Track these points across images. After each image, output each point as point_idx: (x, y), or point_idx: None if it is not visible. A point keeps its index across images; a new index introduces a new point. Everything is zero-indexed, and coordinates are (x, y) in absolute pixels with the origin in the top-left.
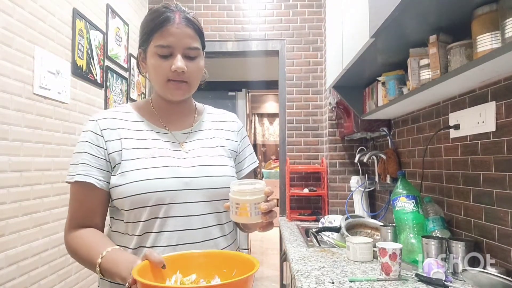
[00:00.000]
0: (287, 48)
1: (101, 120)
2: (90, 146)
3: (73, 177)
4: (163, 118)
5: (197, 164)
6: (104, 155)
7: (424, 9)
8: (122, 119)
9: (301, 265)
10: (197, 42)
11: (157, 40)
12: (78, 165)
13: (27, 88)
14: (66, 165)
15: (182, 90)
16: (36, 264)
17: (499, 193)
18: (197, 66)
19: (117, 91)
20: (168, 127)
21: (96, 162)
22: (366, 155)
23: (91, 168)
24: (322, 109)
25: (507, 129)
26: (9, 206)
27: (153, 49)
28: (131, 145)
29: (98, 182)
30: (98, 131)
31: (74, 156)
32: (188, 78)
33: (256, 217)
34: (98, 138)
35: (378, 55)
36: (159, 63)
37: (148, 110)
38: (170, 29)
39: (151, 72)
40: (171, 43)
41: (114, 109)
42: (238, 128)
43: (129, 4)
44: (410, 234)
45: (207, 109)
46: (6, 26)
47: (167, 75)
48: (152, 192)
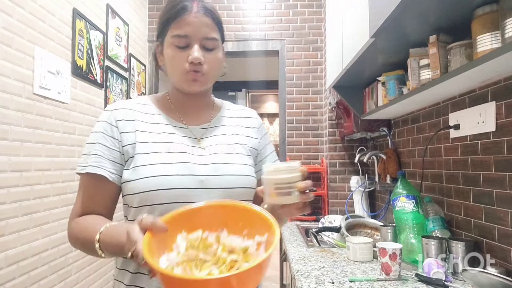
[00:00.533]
0: (287, 48)
1: (117, 111)
2: (104, 136)
3: (85, 168)
4: (180, 112)
5: (213, 162)
6: (118, 146)
7: (424, 9)
8: (138, 110)
9: (301, 265)
10: (216, 32)
11: (174, 30)
12: (91, 156)
13: (27, 88)
14: (66, 165)
15: (199, 82)
16: (36, 264)
17: (499, 193)
18: (215, 57)
19: (117, 91)
20: (186, 121)
21: (109, 154)
22: (366, 155)
23: (104, 160)
24: (322, 109)
25: (507, 129)
26: (9, 206)
27: (170, 39)
28: (145, 138)
29: (110, 175)
30: (113, 121)
31: (87, 147)
32: (206, 69)
33: (294, 197)
34: (112, 128)
35: (378, 55)
36: (176, 54)
37: (165, 103)
38: (187, 18)
39: (167, 64)
40: (188, 33)
41: (131, 100)
42: (258, 125)
43: (129, 4)
44: (410, 234)
45: (226, 105)
46: (6, 26)
47: (184, 66)
48: (163, 190)
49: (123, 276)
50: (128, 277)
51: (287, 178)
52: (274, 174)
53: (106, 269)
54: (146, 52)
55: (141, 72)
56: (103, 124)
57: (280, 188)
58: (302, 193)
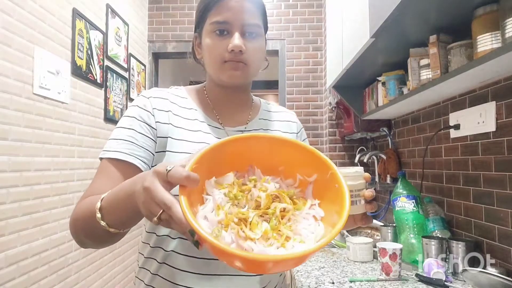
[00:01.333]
0: (287, 48)
1: (154, 99)
2: (139, 123)
3: (113, 153)
4: (217, 109)
5: None
6: (153, 135)
7: (424, 9)
8: (174, 102)
9: (301, 265)
10: (258, 18)
11: (213, 16)
12: (121, 141)
13: (27, 88)
14: (66, 165)
15: (240, 72)
16: (36, 264)
17: (499, 193)
18: (258, 46)
19: (117, 91)
20: (222, 120)
21: (144, 142)
22: (366, 155)
23: (138, 148)
24: (322, 109)
25: (507, 129)
26: (9, 206)
27: (209, 27)
28: (179, 135)
29: (143, 164)
30: (150, 109)
31: (117, 131)
32: (247, 59)
33: (360, 206)
34: (149, 116)
35: (378, 55)
36: (215, 42)
37: (203, 98)
38: (228, 3)
39: (205, 54)
40: (228, 19)
41: (167, 89)
42: (297, 130)
43: (129, 4)
44: (410, 234)
45: (264, 105)
46: (6, 26)
47: (223, 55)
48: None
49: (143, 275)
50: (148, 277)
51: (354, 186)
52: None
53: (106, 269)
54: (146, 52)
55: (141, 72)
56: (138, 110)
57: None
58: (368, 203)
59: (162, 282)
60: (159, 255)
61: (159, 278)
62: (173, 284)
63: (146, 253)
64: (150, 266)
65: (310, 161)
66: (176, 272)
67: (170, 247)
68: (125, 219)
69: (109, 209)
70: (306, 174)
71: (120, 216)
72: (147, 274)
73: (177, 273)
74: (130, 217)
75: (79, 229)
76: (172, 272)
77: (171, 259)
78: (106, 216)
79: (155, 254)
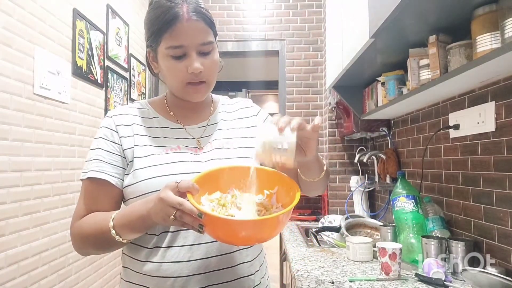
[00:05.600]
0: (287, 48)
1: (116, 116)
2: (104, 142)
3: (86, 173)
4: (178, 114)
5: (211, 158)
6: (119, 151)
7: (424, 9)
8: (136, 115)
9: (301, 265)
10: (210, 35)
11: (168, 41)
12: (92, 161)
13: (27, 88)
14: (66, 165)
15: (202, 92)
16: (36, 264)
17: (499, 193)
18: (213, 60)
19: (118, 91)
20: (184, 122)
21: (110, 158)
22: (366, 155)
23: (105, 164)
24: (322, 109)
25: (507, 129)
26: (9, 206)
27: (165, 51)
28: (143, 141)
29: (112, 178)
30: (113, 126)
31: (89, 153)
32: (207, 76)
33: (293, 136)
34: (113, 133)
35: (378, 55)
36: (174, 65)
37: (163, 106)
38: (180, 28)
39: (166, 75)
40: (183, 43)
41: (130, 105)
42: (255, 112)
43: (129, 5)
44: (409, 234)
45: (222, 100)
46: (6, 26)
47: (184, 77)
48: None
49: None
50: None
51: (274, 129)
52: (261, 138)
53: (106, 269)
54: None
55: (141, 72)
56: (103, 130)
57: (274, 142)
58: (300, 131)
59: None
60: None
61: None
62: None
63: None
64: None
65: (272, 177)
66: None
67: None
68: (138, 233)
69: (123, 228)
70: (271, 187)
71: (133, 232)
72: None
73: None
74: (142, 231)
75: (90, 244)
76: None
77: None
78: (120, 233)
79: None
